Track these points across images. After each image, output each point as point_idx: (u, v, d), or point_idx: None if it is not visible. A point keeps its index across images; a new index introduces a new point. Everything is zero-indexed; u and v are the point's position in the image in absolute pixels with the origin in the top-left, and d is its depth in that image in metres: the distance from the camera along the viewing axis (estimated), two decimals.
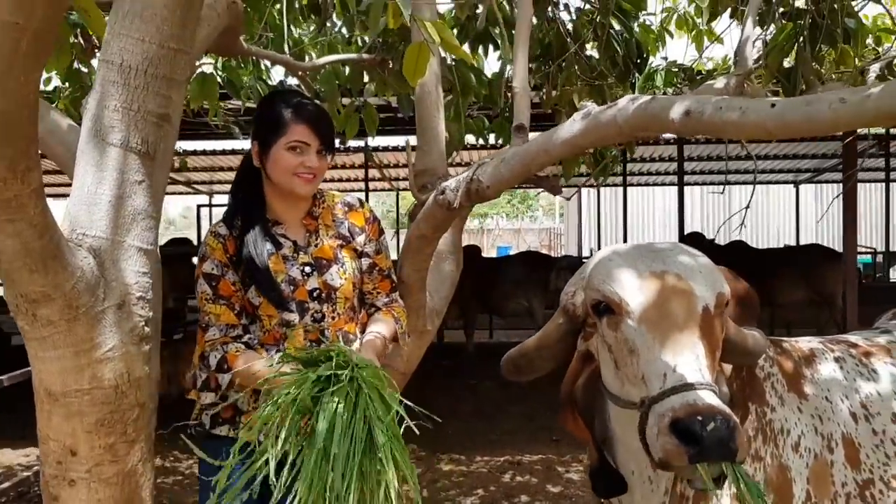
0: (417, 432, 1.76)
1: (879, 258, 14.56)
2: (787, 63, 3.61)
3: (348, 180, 15.54)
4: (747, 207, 4.38)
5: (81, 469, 1.73)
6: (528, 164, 1.78)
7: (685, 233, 10.94)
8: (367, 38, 3.42)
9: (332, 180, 15.51)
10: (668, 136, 8.60)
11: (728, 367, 2.07)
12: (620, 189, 14.52)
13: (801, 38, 3.39)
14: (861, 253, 12.09)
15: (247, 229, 2.15)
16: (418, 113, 2.63)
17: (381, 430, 1.70)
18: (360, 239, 2.28)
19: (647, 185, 18.34)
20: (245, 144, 8.81)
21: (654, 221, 23.48)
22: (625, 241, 13.01)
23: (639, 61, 3.89)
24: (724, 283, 1.83)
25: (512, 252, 15.85)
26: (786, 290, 9.94)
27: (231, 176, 12.33)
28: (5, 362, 1.73)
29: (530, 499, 5.10)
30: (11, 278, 1.53)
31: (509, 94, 4.24)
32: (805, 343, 2.42)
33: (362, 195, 14.00)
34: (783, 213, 22.21)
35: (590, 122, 1.65)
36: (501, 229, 36.86)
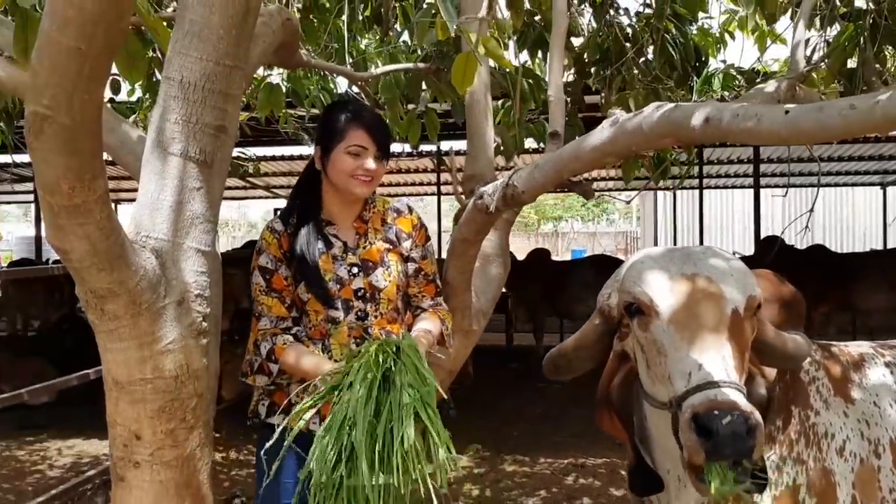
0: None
1: None
2: (851, 64, 3.56)
3: (420, 184, 15.66)
4: (811, 211, 4.32)
5: (145, 452, 1.88)
6: (561, 170, 1.85)
7: (761, 236, 10.71)
8: (424, 47, 3.53)
9: (404, 184, 15.66)
10: None
11: (771, 372, 2.09)
12: (697, 192, 14.28)
13: (863, 39, 3.34)
14: None
15: (301, 227, 2.29)
16: (468, 120, 2.73)
17: (408, 394, 1.79)
18: (407, 244, 2.39)
19: (724, 187, 17.94)
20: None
21: (732, 224, 22.92)
22: (700, 244, 12.79)
23: (697, 65, 3.90)
24: (756, 286, 1.85)
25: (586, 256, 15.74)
26: (868, 296, 9.60)
27: None
28: (91, 357, 1.88)
29: (592, 501, 5.11)
30: (81, 276, 1.69)
31: (568, 100, 4.31)
32: (855, 347, 2.41)
33: (434, 199, 14.12)
34: (870, 216, 21.35)
35: (617, 129, 1.71)
36: (576, 233, 36.61)
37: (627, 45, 3.80)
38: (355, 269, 2.32)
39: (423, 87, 3.61)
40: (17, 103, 3.65)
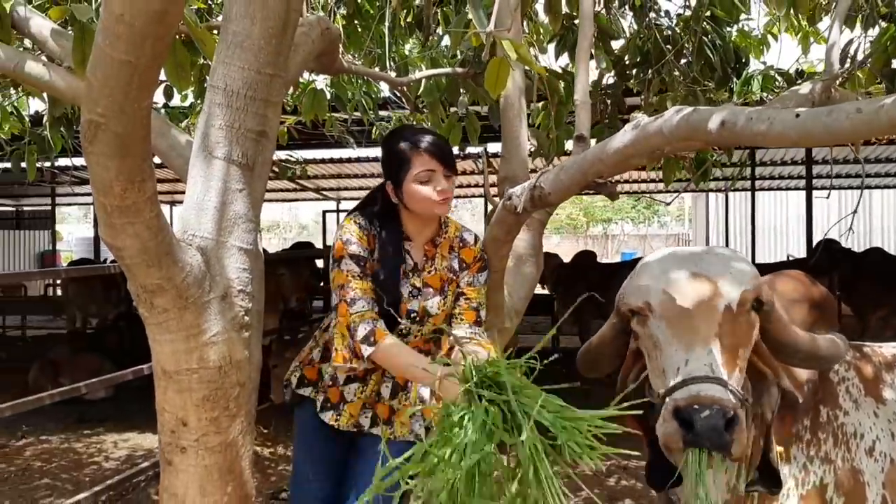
0: None
1: None
2: (894, 64, 3.54)
3: (468, 185, 15.68)
4: (854, 212, 4.28)
5: (191, 438, 2.00)
6: (586, 172, 1.91)
7: (813, 239, 10.49)
8: (462, 52, 3.61)
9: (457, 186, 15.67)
10: None
11: (801, 372, 2.11)
12: (749, 194, 14.05)
13: None
14: None
15: (388, 234, 2.35)
16: (502, 123, 2.80)
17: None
18: (464, 277, 2.43)
19: (777, 189, 17.61)
20: (364, 152, 9.13)
21: (786, 226, 22.49)
22: (752, 246, 12.53)
23: (737, 66, 3.90)
24: (752, 283, 1.87)
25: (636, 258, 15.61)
26: None
27: (357, 182, 12.66)
28: (146, 353, 1.97)
29: (634, 503, 5.12)
30: (132, 272, 1.81)
31: (608, 102, 4.36)
32: (890, 349, 2.41)
33: (480, 201, 14.14)
34: None
35: (639, 132, 1.77)
36: (627, 235, 36.24)
37: (668, 47, 3.83)
38: (415, 291, 2.38)
39: (463, 90, 3.69)
40: (76, 110, 3.83)
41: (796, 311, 2.30)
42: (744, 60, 3.95)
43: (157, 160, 2.09)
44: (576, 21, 3.96)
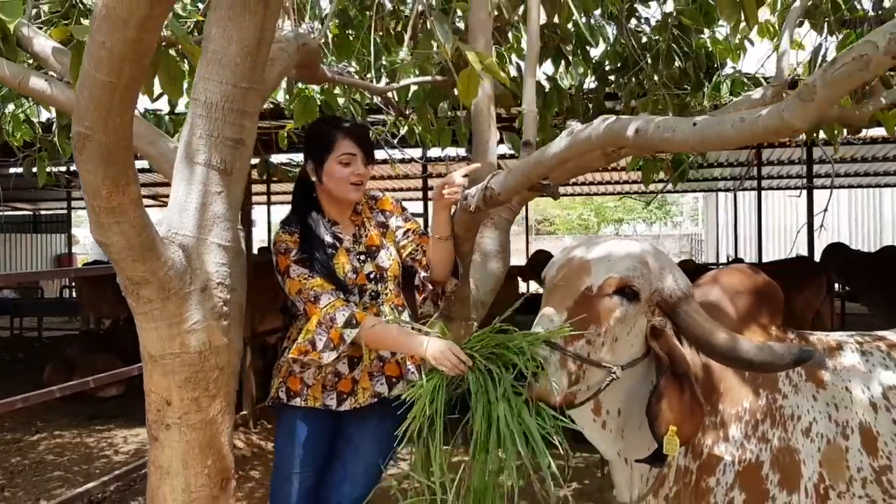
0: None
1: None
2: None
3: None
4: (825, 210, 4.43)
5: (174, 416, 2.22)
6: (529, 174, 2.11)
7: (814, 240, 10.60)
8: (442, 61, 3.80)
9: None
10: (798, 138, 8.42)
11: (696, 362, 2.24)
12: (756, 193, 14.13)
13: None
14: None
15: (310, 229, 2.58)
16: (473, 129, 2.99)
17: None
18: (392, 221, 2.71)
19: (787, 188, 17.64)
20: None
21: (796, 225, 22.42)
22: (759, 245, 12.54)
23: (709, 71, 4.07)
24: (624, 272, 2.09)
25: None
26: None
27: None
28: None
29: None
30: (120, 266, 2.03)
31: (590, 105, 4.54)
32: (836, 336, 2.54)
33: None
34: None
35: (572, 139, 1.97)
36: (640, 235, 36.31)
37: (645, 53, 4.01)
38: (363, 257, 2.62)
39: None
40: None
41: (740, 301, 2.46)
42: (716, 65, 4.11)
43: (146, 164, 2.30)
44: (558, 30, 4.15)
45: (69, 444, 6.59)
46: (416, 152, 9.21)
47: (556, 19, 3.80)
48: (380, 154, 5.15)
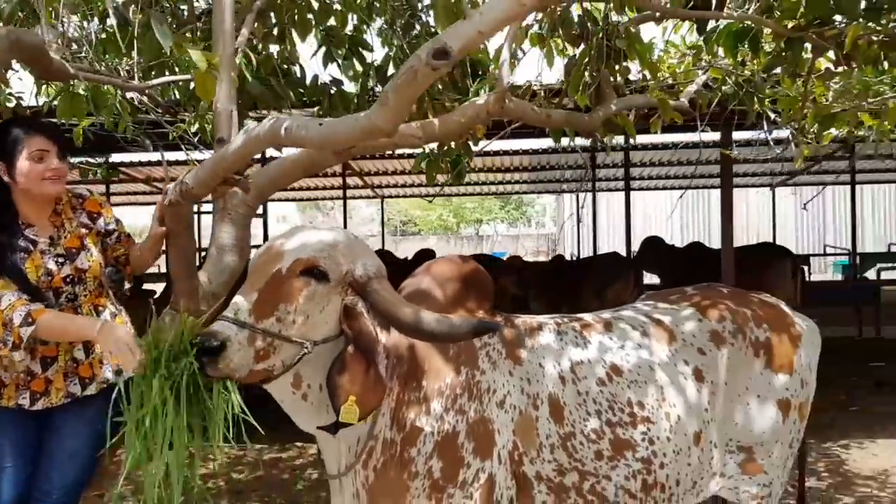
0: None
1: None
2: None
3: (326, 188, 15.68)
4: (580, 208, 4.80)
5: None
6: (216, 169, 2.25)
7: (632, 236, 11.33)
8: None
9: (312, 188, 15.62)
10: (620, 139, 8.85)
11: (396, 341, 2.43)
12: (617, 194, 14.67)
13: (594, 57, 3.82)
14: None
15: (3, 225, 2.57)
16: (213, 127, 3.09)
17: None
18: (101, 221, 2.75)
19: (616, 189, 18.37)
20: (171, 155, 8.97)
21: (635, 224, 23.66)
22: (628, 244, 12.90)
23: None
24: (312, 256, 2.27)
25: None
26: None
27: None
28: None
29: None
30: None
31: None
32: (539, 318, 2.78)
33: (341, 203, 14.18)
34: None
35: (247, 136, 2.12)
36: (501, 235, 37.07)
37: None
38: (61, 259, 2.64)
39: None
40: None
41: (449, 287, 2.66)
42: (482, 73, 4.37)
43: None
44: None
45: None
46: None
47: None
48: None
